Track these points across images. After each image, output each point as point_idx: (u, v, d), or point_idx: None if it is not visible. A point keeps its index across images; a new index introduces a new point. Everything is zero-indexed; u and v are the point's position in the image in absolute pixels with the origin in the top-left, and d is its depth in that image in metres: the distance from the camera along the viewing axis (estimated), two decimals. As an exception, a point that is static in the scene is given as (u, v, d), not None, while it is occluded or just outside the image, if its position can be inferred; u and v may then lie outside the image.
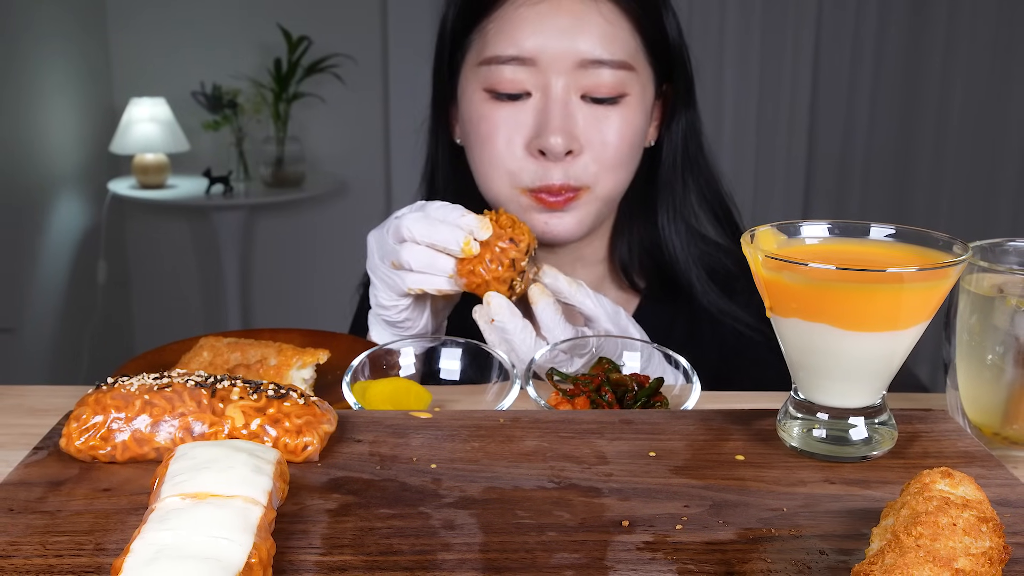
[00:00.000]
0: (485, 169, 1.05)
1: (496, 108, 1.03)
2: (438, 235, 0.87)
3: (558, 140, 0.99)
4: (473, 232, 0.87)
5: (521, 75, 1.01)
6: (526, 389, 0.78)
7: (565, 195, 1.02)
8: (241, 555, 0.47)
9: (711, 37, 3.67)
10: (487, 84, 1.03)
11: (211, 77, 3.59)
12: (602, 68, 1.00)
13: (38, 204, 3.24)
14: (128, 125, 3.40)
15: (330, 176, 3.71)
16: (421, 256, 0.88)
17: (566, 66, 1.00)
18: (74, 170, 3.44)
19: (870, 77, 3.73)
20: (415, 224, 0.87)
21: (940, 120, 3.76)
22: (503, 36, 1.01)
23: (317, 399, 0.65)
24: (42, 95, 3.20)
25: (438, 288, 0.89)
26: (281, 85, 3.56)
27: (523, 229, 0.89)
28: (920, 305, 0.60)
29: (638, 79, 1.04)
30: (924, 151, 3.79)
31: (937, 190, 3.78)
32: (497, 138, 1.03)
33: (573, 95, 1.01)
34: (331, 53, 3.55)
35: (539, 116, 1.01)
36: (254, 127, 3.64)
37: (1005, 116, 3.73)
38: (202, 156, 3.66)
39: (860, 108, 3.76)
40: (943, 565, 0.45)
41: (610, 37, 1.01)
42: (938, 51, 3.69)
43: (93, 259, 3.55)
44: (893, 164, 3.79)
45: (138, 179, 3.50)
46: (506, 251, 0.87)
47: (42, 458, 0.63)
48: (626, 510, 0.57)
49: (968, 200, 3.78)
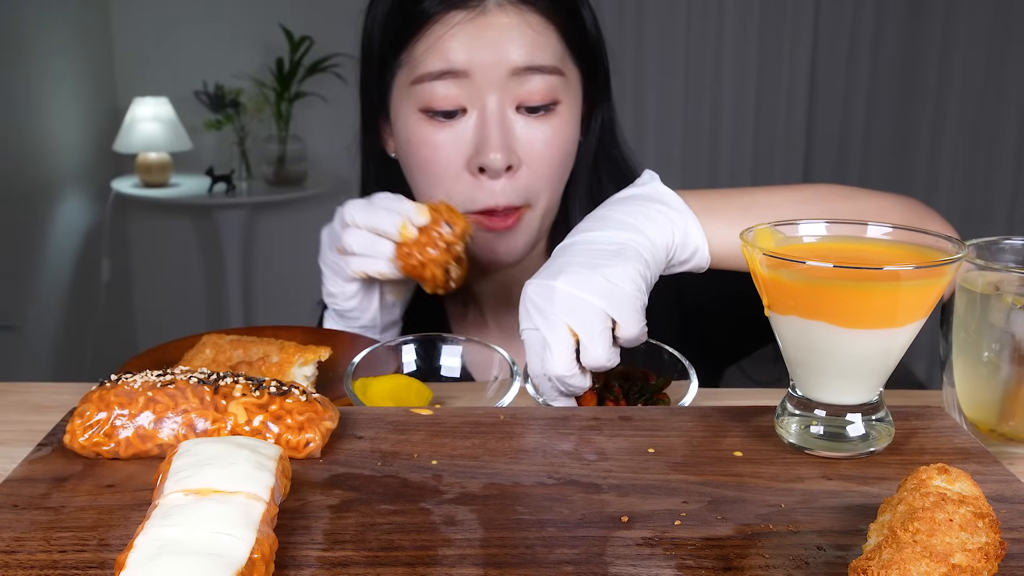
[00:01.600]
0: (424, 189, 1.05)
1: (433, 130, 1.02)
2: (378, 220, 0.91)
3: (497, 156, 0.99)
4: (411, 217, 0.91)
5: (454, 90, 1.00)
6: (525, 387, 0.79)
7: (511, 216, 1.03)
8: (244, 550, 0.47)
9: (709, 39, 3.68)
10: (421, 104, 1.01)
11: (213, 77, 3.60)
12: (534, 75, 1.00)
13: (42, 202, 3.25)
14: (131, 124, 3.41)
15: (331, 175, 3.72)
16: (362, 240, 0.92)
17: (499, 76, 0.99)
18: (78, 169, 3.45)
19: (867, 77, 3.74)
20: (357, 210, 0.92)
21: (936, 119, 3.76)
22: (433, 53, 1.00)
23: (319, 396, 0.66)
24: (46, 95, 3.21)
25: (379, 271, 0.92)
26: (283, 84, 3.57)
27: (459, 216, 0.92)
28: (917, 303, 0.60)
29: (568, 85, 1.04)
30: (921, 150, 3.79)
31: (934, 189, 3.79)
32: (436, 161, 1.02)
33: (508, 107, 1.01)
34: (332, 53, 3.56)
35: (477, 133, 1.00)
36: (256, 126, 3.65)
37: (1001, 116, 3.73)
38: (205, 155, 3.67)
39: (857, 108, 3.77)
40: (940, 560, 0.45)
41: (539, 45, 1.01)
42: (935, 50, 3.69)
43: (97, 257, 3.56)
44: (890, 164, 3.80)
45: (141, 178, 3.51)
46: (442, 235, 0.90)
47: (46, 454, 0.63)
48: (625, 506, 0.57)
49: (965, 199, 3.79)
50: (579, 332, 0.76)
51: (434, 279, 0.91)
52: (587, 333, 0.76)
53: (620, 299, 0.77)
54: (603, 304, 0.76)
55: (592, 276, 0.77)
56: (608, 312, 0.77)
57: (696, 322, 1.14)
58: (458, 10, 1.00)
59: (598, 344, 0.76)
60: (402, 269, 0.92)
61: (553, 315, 0.77)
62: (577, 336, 0.76)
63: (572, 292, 0.77)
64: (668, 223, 0.84)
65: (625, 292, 0.77)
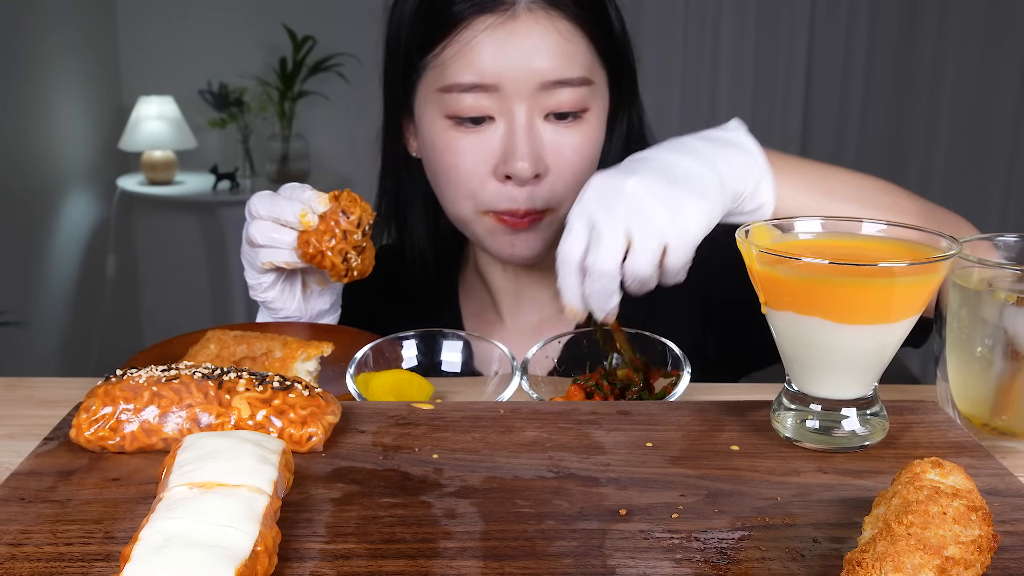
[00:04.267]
0: (448, 192, 1.04)
1: (460, 136, 1.00)
2: (279, 210, 0.91)
3: (525, 166, 0.97)
4: (311, 205, 0.91)
5: (483, 102, 0.98)
6: (521, 383, 0.79)
7: (529, 217, 1.02)
8: (247, 543, 0.48)
9: (706, 43, 3.68)
10: (448, 111, 1.00)
11: (218, 76, 3.61)
12: (564, 88, 0.99)
13: (49, 200, 3.26)
14: (137, 123, 3.42)
15: (333, 172, 3.73)
16: (266, 230, 0.92)
17: (528, 89, 0.98)
18: (84, 167, 3.46)
19: (862, 78, 3.76)
20: (260, 202, 0.92)
21: (930, 120, 3.79)
22: (462, 62, 0.98)
23: (321, 391, 0.66)
24: (53, 94, 3.22)
25: (285, 260, 0.92)
26: (286, 84, 3.58)
27: (358, 204, 0.92)
28: (911, 299, 0.61)
29: (596, 92, 1.03)
30: (915, 150, 3.83)
31: (928, 188, 3.82)
32: (462, 166, 1.01)
33: (537, 117, 0.99)
34: (335, 52, 3.57)
35: (505, 141, 0.99)
36: (260, 125, 3.66)
37: (993, 116, 3.77)
38: (209, 153, 3.69)
39: (852, 109, 3.79)
40: (933, 553, 0.45)
41: (569, 55, 0.99)
42: (928, 52, 3.71)
43: (102, 254, 3.57)
44: (885, 164, 3.82)
45: (146, 175, 3.52)
46: (339, 223, 0.90)
47: (53, 448, 0.64)
48: (623, 499, 0.58)
49: (958, 197, 3.82)
50: (634, 238, 0.76)
51: (334, 267, 0.91)
52: (642, 242, 0.76)
53: (681, 228, 0.77)
54: (666, 223, 0.76)
55: (665, 192, 0.77)
56: (667, 232, 0.76)
57: (719, 331, 1.13)
58: (488, 14, 0.97)
59: (649, 254, 0.76)
60: (302, 257, 0.91)
61: (616, 211, 0.76)
62: (630, 241, 0.76)
63: (642, 199, 0.77)
64: (744, 169, 0.84)
65: (687, 223, 0.77)
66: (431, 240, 1.16)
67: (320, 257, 0.90)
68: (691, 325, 1.13)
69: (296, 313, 0.99)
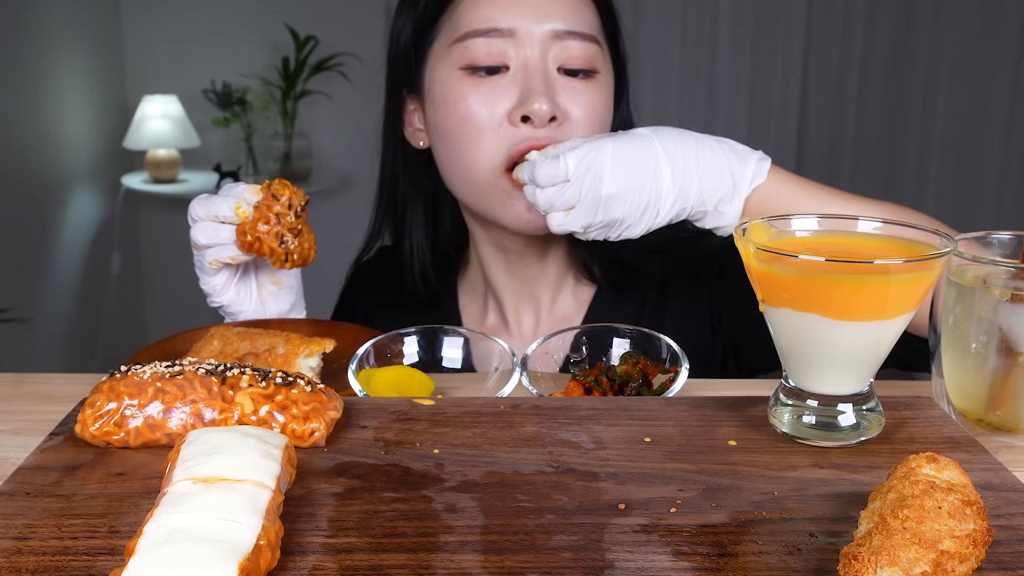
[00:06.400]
0: (464, 149, 1.03)
1: (475, 84, 1.01)
2: (216, 208, 0.92)
3: (543, 106, 0.98)
4: (245, 197, 0.92)
5: (498, 47, 1.00)
6: (521, 379, 0.80)
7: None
8: (250, 537, 0.48)
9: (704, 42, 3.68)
10: (463, 62, 1.01)
11: (221, 75, 3.61)
12: (575, 40, 1.01)
13: (54, 198, 3.27)
14: (141, 121, 3.43)
15: (336, 171, 3.74)
16: (207, 230, 0.93)
17: (541, 36, 1.00)
18: (89, 165, 3.47)
19: (857, 77, 3.77)
20: (199, 205, 0.93)
21: (926, 119, 3.81)
22: (476, 12, 1.01)
23: (323, 386, 0.66)
24: (58, 93, 3.23)
25: (230, 255, 0.93)
26: (289, 83, 3.59)
27: (287, 187, 0.92)
28: (907, 296, 0.61)
29: (604, 60, 1.05)
30: (910, 149, 3.84)
31: (923, 185, 3.84)
32: (477, 113, 1.01)
33: (551, 66, 1.01)
34: (337, 52, 3.57)
35: (522, 86, 1.00)
36: (263, 124, 3.66)
37: (987, 114, 3.78)
38: (212, 151, 3.69)
39: (848, 108, 3.80)
40: (929, 547, 0.46)
41: (580, 11, 1.03)
42: (923, 51, 3.72)
43: (107, 251, 3.58)
44: (880, 162, 3.84)
45: (150, 174, 3.53)
46: (272, 208, 0.91)
47: (58, 443, 0.64)
48: (622, 494, 0.58)
49: (953, 195, 3.84)
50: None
51: (273, 252, 0.91)
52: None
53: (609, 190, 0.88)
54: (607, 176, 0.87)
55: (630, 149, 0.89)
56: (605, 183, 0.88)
57: (729, 337, 1.13)
58: None
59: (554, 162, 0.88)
60: (241, 247, 0.92)
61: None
62: None
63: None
64: (729, 177, 0.92)
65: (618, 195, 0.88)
66: (429, 241, 1.17)
67: (258, 244, 0.91)
68: (699, 329, 1.13)
69: (255, 315, 1.00)
